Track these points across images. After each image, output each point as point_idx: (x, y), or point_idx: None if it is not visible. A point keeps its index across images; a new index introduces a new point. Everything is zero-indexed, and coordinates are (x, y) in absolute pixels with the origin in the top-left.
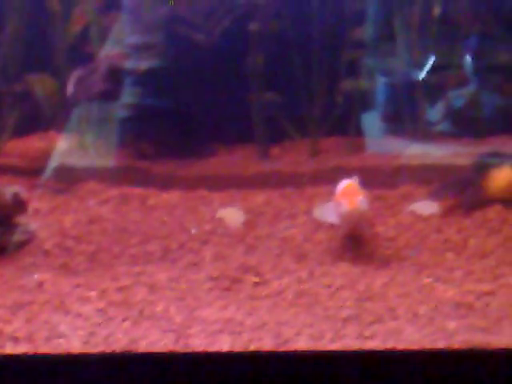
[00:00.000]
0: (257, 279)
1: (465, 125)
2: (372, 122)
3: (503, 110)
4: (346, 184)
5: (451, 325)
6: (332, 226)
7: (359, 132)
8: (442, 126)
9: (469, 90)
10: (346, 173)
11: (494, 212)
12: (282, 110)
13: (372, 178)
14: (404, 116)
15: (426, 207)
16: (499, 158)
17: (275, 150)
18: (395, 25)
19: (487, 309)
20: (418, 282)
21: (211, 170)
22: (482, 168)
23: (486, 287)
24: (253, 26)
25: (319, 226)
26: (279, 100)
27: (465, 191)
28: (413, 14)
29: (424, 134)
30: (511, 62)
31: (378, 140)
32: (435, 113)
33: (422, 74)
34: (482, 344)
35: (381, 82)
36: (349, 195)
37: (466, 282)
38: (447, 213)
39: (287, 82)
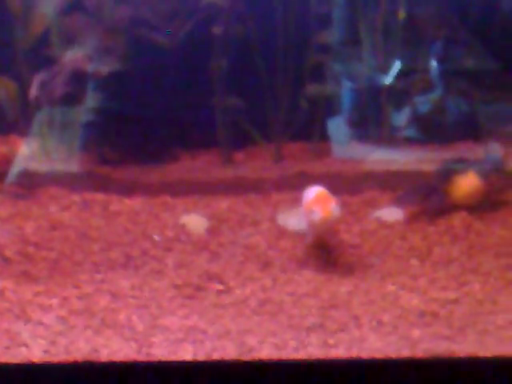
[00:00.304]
0: (220, 287)
1: (430, 130)
2: (337, 127)
3: (468, 116)
4: (316, 191)
5: (415, 333)
6: (296, 232)
7: (324, 137)
8: (408, 132)
9: (434, 96)
10: (311, 179)
11: (458, 219)
12: (246, 114)
13: (336, 184)
14: (369, 121)
15: (391, 214)
16: (463, 164)
17: (239, 156)
18: (360, 29)
19: (451, 317)
20: (382, 289)
21: (174, 176)
22: (446, 174)
23: (450, 295)
24: (216, 30)
25: (283, 232)
26: (243, 105)
27: (429, 198)
28: (377, 18)
29: (389, 139)
30: (477, 67)
31: (343, 145)
32: (401, 118)
33: (388, 79)
34: (445, 352)
35: (346, 86)
36: (321, 202)
37: (430, 289)
38: (412, 219)
39: (251, 86)
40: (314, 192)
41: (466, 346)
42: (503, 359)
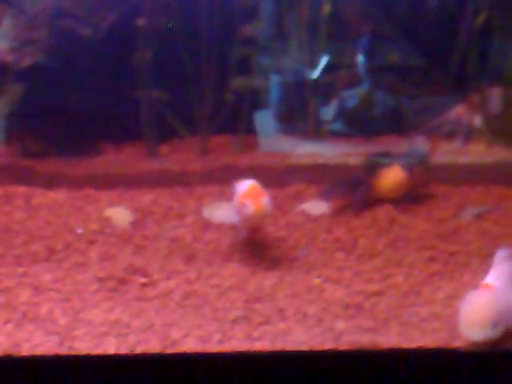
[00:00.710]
0: (144, 280)
1: (357, 124)
2: (265, 120)
3: (395, 110)
4: (248, 185)
5: (340, 325)
6: (221, 225)
7: (251, 131)
8: (335, 126)
9: (361, 90)
10: (236, 172)
11: (383, 212)
12: (171, 107)
13: (262, 177)
14: (297, 115)
15: (316, 207)
16: (389, 157)
17: (164, 149)
18: (287, 23)
19: (375, 309)
20: (307, 282)
21: (98, 169)
22: (371, 168)
23: (374, 287)
24: (140, 22)
25: (208, 225)
26: (168, 97)
27: (355, 191)
28: (303, 12)
29: (316, 133)
30: (403, 63)
31: (270, 139)
32: (328, 112)
33: (315, 74)
34: (369, 344)
35: (274, 80)
36: (253, 196)
37: (354, 282)
38: (337, 213)
39: (176, 78)
40: (245, 186)
41: (390, 338)
42: (426, 351)
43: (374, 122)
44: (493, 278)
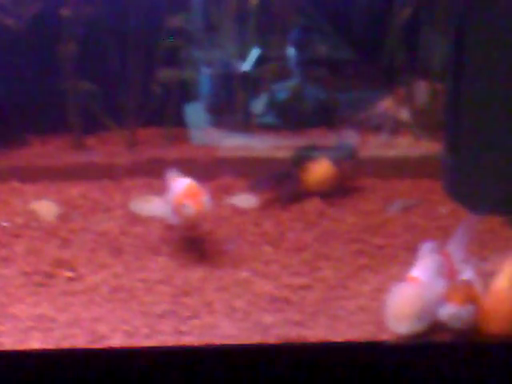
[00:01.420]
0: (71, 274)
1: (287, 117)
2: (195, 113)
3: (325, 103)
4: (186, 184)
5: (267, 319)
6: (149, 219)
7: (180, 123)
8: (266, 119)
9: (292, 83)
10: (165, 165)
11: (311, 205)
12: (98, 99)
13: (191, 170)
14: (227, 108)
15: (245, 200)
16: (317, 150)
17: (91, 141)
18: (216, 15)
19: (303, 303)
20: (235, 275)
21: (23, 161)
22: (300, 161)
23: (302, 281)
24: (64, 12)
25: (136, 219)
26: (94, 89)
27: (283, 184)
28: (231, 3)
29: (247, 126)
30: (333, 56)
31: (199, 131)
32: (258, 105)
33: (246, 66)
34: (297, 338)
35: (204, 72)
36: (192, 196)
37: (282, 275)
38: (265, 206)
39: (103, 70)
40: (183, 185)
41: (318, 332)
42: (353, 344)
43: (304, 116)
44: (418, 271)
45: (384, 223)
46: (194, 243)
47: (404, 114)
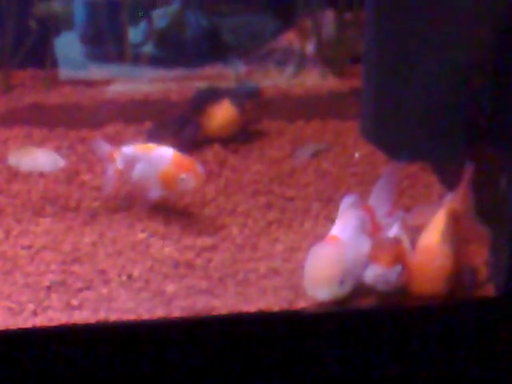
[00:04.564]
0: None
1: (169, 46)
2: (68, 45)
3: (210, 31)
4: (173, 155)
5: (170, 288)
6: (30, 175)
7: (59, 63)
8: (145, 48)
9: (172, 9)
10: (45, 111)
11: (212, 153)
12: None
13: (73, 117)
14: (104, 37)
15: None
16: (218, 91)
17: None
18: None
19: (209, 267)
20: (131, 237)
21: None
22: (199, 105)
23: (206, 241)
24: None
25: (15, 175)
26: None
27: (182, 131)
28: None
29: (126, 56)
30: None
31: (77, 67)
32: (139, 34)
33: None
34: (205, 309)
35: (79, 0)
36: (188, 168)
37: (184, 236)
38: None
39: None
40: (169, 155)
41: (227, 300)
42: (268, 314)
43: (187, 44)
44: (339, 229)
45: (293, 171)
46: (81, 201)
47: (309, 48)
